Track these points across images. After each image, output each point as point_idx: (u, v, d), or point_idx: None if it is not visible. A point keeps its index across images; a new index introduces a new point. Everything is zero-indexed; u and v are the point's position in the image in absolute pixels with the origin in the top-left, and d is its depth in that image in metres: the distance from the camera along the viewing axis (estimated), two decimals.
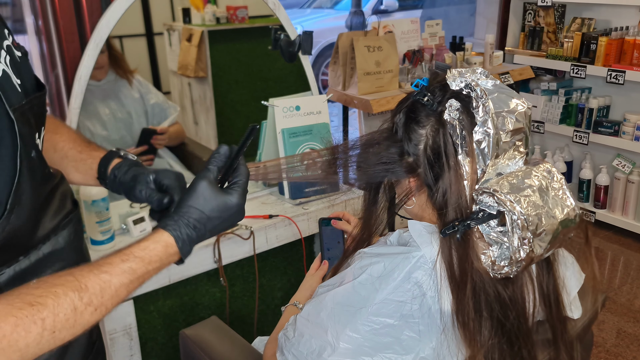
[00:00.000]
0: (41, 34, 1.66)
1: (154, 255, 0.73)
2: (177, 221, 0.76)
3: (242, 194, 0.80)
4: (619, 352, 2.18)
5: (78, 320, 0.65)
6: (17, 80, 0.73)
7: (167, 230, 0.75)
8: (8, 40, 0.76)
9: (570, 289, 0.92)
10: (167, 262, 0.76)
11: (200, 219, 0.76)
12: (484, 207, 0.77)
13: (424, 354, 0.82)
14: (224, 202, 0.78)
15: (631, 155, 2.99)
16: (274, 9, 1.87)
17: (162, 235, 0.75)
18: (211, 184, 0.78)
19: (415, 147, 0.84)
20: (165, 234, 0.75)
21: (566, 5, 3.21)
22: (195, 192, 0.77)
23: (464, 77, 0.82)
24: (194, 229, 0.76)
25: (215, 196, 0.77)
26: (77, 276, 0.67)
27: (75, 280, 0.66)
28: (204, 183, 0.78)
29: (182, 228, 0.76)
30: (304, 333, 0.89)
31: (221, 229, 0.80)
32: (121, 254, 0.72)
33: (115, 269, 0.70)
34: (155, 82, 2.21)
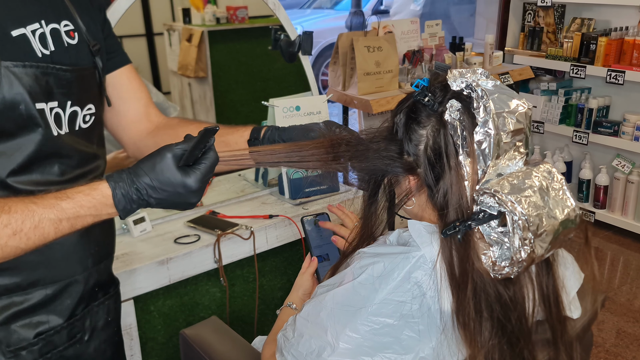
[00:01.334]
0: None
1: (88, 200, 0.75)
2: (123, 178, 0.77)
3: (200, 178, 0.79)
4: (618, 352, 2.18)
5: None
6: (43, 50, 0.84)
7: (108, 181, 0.77)
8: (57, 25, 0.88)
9: (570, 289, 0.92)
10: (104, 213, 0.77)
11: (147, 185, 0.77)
12: (484, 207, 0.77)
13: (423, 353, 0.82)
14: (178, 179, 0.78)
15: (631, 156, 2.99)
16: (274, 9, 1.87)
17: (101, 183, 0.77)
18: (174, 157, 0.78)
19: (415, 147, 0.84)
20: (104, 184, 0.77)
21: (566, 6, 3.22)
22: (154, 159, 0.78)
23: (464, 77, 0.82)
24: (136, 189, 0.77)
25: (171, 171, 0.77)
26: (8, 201, 0.72)
27: (5, 205, 0.71)
28: (167, 155, 0.78)
29: (125, 186, 0.77)
30: (304, 333, 0.89)
31: (169, 204, 0.80)
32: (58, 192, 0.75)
33: (44, 202, 0.73)
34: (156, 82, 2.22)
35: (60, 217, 0.73)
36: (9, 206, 0.71)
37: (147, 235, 1.56)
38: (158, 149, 0.80)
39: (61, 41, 0.90)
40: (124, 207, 0.77)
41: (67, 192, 0.75)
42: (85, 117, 0.95)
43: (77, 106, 0.92)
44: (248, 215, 1.66)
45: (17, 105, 0.82)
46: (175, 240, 1.52)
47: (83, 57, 0.94)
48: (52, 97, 0.87)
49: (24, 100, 0.82)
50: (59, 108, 0.88)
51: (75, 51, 0.92)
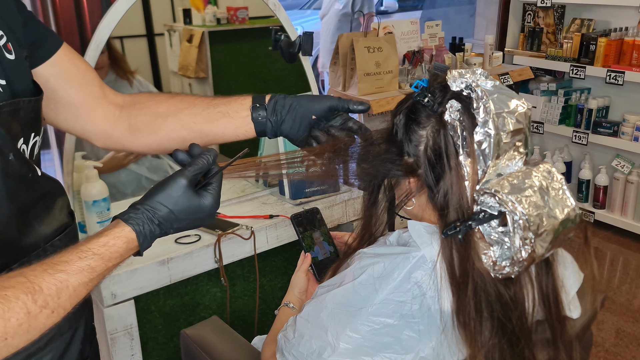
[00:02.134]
0: None
1: (114, 251, 0.70)
2: (142, 217, 0.72)
3: (216, 197, 0.77)
4: (618, 352, 2.19)
5: (33, 324, 0.61)
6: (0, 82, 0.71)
7: (129, 224, 0.72)
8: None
9: (569, 289, 0.92)
10: (126, 256, 0.73)
11: (168, 218, 0.74)
12: (485, 207, 0.78)
13: (423, 353, 0.83)
14: (197, 204, 0.75)
15: (630, 156, 2.99)
16: (274, 10, 1.87)
17: (123, 230, 0.71)
18: (189, 184, 0.75)
19: (415, 148, 0.84)
20: (127, 229, 0.71)
21: (565, 6, 3.22)
22: (170, 189, 0.74)
23: (464, 78, 0.82)
24: (158, 225, 0.73)
25: (189, 198, 0.74)
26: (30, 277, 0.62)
27: (28, 282, 0.62)
28: (181, 182, 0.75)
29: (146, 224, 0.72)
30: (304, 334, 0.89)
31: (188, 228, 0.77)
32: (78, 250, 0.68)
33: (73, 267, 0.66)
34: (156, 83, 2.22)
35: (91, 277, 0.67)
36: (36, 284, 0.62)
37: None
38: (171, 176, 0.75)
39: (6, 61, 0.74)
40: (147, 245, 0.74)
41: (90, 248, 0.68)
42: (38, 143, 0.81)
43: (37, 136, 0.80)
44: (248, 215, 1.66)
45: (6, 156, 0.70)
46: (176, 240, 1.52)
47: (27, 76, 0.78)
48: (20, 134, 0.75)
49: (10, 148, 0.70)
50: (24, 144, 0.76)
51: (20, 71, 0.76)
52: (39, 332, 0.63)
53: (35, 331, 0.62)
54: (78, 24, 1.63)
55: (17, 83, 0.74)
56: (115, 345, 1.41)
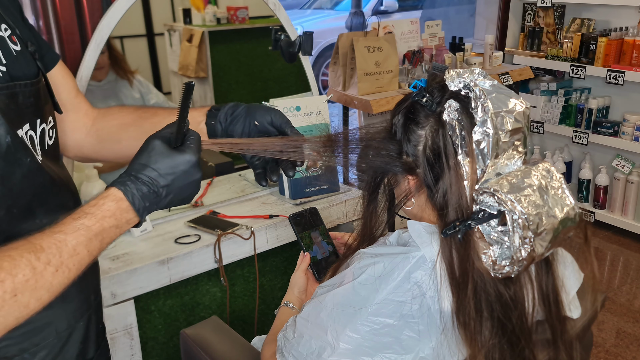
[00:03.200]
0: (42, 34, 1.66)
1: (105, 210, 0.72)
2: (124, 177, 0.75)
3: (195, 150, 0.78)
4: (618, 352, 2.18)
5: (39, 281, 0.64)
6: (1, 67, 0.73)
7: (113, 185, 0.74)
8: (3, 33, 0.77)
9: (570, 288, 0.92)
10: (123, 219, 0.73)
11: (150, 175, 0.75)
12: (484, 207, 0.78)
13: (423, 353, 0.83)
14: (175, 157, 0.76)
15: (630, 156, 2.99)
16: (274, 10, 1.87)
17: (109, 190, 0.73)
18: (164, 142, 0.77)
19: (414, 148, 0.84)
20: (112, 189, 0.73)
21: (566, 6, 3.22)
22: (145, 149, 0.76)
23: (462, 77, 0.82)
24: (144, 184, 0.74)
25: (166, 153, 0.76)
26: (31, 239, 0.66)
27: (29, 243, 0.65)
28: (156, 141, 0.76)
29: (129, 183, 0.74)
30: (304, 334, 0.89)
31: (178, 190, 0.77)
32: (73, 213, 0.71)
33: (68, 227, 0.68)
34: (156, 83, 2.22)
35: (89, 236, 0.69)
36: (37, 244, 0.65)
37: (148, 235, 1.56)
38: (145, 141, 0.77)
39: (9, 50, 0.77)
40: (139, 205, 0.74)
41: (83, 210, 0.71)
42: (50, 133, 0.84)
43: (44, 123, 0.82)
44: (248, 215, 1.66)
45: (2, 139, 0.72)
46: (176, 240, 1.52)
47: (30, 65, 0.82)
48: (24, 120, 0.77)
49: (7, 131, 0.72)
50: (32, 130, 0.78)
51: (24, 60, 0.80)
52: (47, 291, 0.65)
53: (44, 289, 0.64)
54: (78, 23, 1.63)
55: (18, 70, 0.76)
56: (115, 345, 1.41)
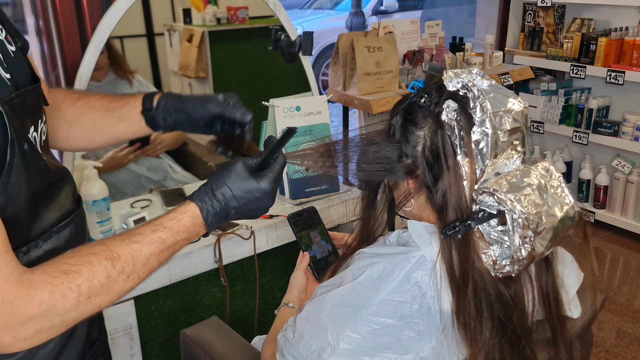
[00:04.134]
0: (42, 34, 1.66)
1: (182, 225, 0.77)
2: (203, 192, 0.80)
3: (273, 180, 0.83)
4: (618, 352, 2.18)
5: (112, 286, 0.70)
6: (6, 75, 0.74)
7: (193, 200, 0.79)
8: (2, 36, 0.77)
9: (569, 288, 0.92)
10: (194, 232, 0.79)
11: (225, 193, 0.80)
12: (484, 206, 0.78)
13: (423, 354, 0.83)
14: (252, 183, 0.81)
15: (631, 156, 2.99)
16: (274, 10, 1.87)
17: (189, 205, 0.79)
18: (245, 166, 0.82)
19: (413, 148, 0.84)
20: (192, 205, 0.79)
21: (566, 6, 3.22)
22: (228, 169, 0.81)
23: (460, 77, 0.82)
24: (218, 202, 0.80)
25: (245, 177, 0.81)
26: (110, 245, 0.71)
27: (108, 250, 0.70)
28: (238, 164, 0.82)
29: (207, 200, 0.79)
30: (304, 334, 0.89)
31: (246, 212, 0.83)
32: (151, 224, 0.76)
33: (146, 239, 0.74)
34: (156, 83, 2.22)
35: (162, 248, 0.75)
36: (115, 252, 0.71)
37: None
38: (230, 161, 0.83)
39: (8, 53, 0.76)
40: (211, 222, 0.80)
41: (161, 222, 0.77)
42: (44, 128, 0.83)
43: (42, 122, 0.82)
44: None
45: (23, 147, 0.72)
46: None
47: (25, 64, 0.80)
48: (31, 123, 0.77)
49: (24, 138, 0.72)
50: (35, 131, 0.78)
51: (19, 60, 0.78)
52: (117, 295, 0.71)
53: (115, 293, 0.71)
54: (78, 23, 1.63)
55: (18, 74, 0.77)
56: (115, 345, 1.40)
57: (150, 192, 1.83)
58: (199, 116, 0.96)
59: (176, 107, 0.96)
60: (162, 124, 0.98)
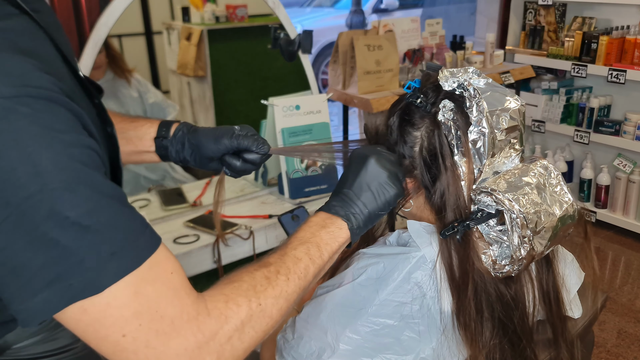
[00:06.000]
0: None
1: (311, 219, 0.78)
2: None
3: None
4: (619, 353, 2.18)
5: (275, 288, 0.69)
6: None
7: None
8: None
9: (570, 287, 0.92)
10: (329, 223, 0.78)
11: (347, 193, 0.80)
12: (482, 206, 0.77)
13: (424, 354, 0.82)
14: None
15: (632, 155, 2.98)
16: (273, 8, 1.86)
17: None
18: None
19: (410, 149, 0.84)
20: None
21: (567, 4, 3.21)
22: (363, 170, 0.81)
23: (456, 77, 0.82)
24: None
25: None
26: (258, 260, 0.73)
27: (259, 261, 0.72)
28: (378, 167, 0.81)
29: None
30: (303, 335, 0.88)
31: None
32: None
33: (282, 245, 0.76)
34: (155, 81, 2.21)
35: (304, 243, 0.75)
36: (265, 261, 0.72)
37: None
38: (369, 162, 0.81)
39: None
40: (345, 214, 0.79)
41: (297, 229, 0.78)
42: None
43: None
44: (247, 215, 1.65)
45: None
46: (175, 240, 1.51)
47: None
48: None
49: None
50: None
51: None
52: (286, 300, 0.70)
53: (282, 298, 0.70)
54: (76, 22, 1.62)
55: None
56: None
57: (148, 192, 1.83)
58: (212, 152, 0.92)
59: (190, 139, 0.93)
60: (174, 155, 0.95)
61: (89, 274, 0.54)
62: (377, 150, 0.82)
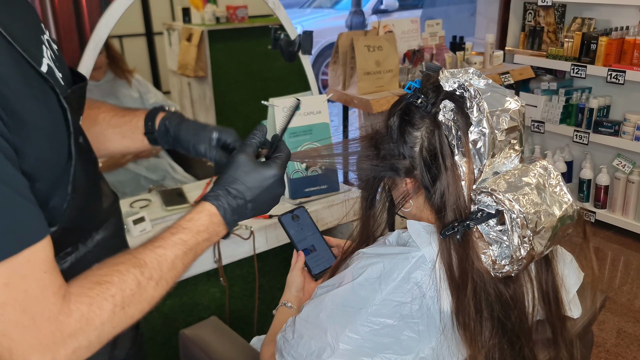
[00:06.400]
0: None
1: (200, 225, 0.77)
2: (216, 191, 0.80)
3: (281, 166, 0.83)
4: (619, 352, 2.18)
5: (143, 294, 0.69)
6: (59, 74, 0.75)
7: (207, 200, 0.79)
8: (46, 35, 0.78)
9: (570, 287, 0.92)
10: (214, 232, 0.78)
11: (239, 188, 0.80)
12: (482, 206, 0.77)
13: (423, 354, 0.82)
14: (262, 172, 0.81)
15: (631, 155, 2.99)
16: (273, 9, 1.87)
17: (204, 205, 0.78)
18: (249, 156, 0.82)
19: (410, 149, 0.84)
20: (207, 204, 0.78)
21: (566, 5, 3.21)
22: (234, 163, 0.81)
23: (456, 77, 0.82)
24: (234, 197, 0.79)
25: (253, 167, 0.81)
26: (135, 254, 0.71)
27: (134, 258, 0.70)
28: (242, 156, 0.82)
29: (222, 197, 0.79)
30: (303, 334, 0.88)
31: (263, 201, 0.82)
32: (171, 228, 0.76)
33: (168, 242, 0.74)
34: (155, 82, 2.21)
35: (184, 250, 0.75)
36: (141, 259, 0.70)
37: (147, 235, 1.55)
38: (232, 154, 0.83)
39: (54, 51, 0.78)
40: (229, 219, 0.79)
41: (179, 224, 0.76)
42: None
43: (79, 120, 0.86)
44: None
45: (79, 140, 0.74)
46: None
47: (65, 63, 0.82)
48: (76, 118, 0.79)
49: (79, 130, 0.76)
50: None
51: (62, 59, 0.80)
52: (149, 304, 0.70)
53: (146, 302, 0.70)
54: (77, 22, 1.62)
55: (64, 72, 0.79)
56: None
57: (149, 192, 1.83)
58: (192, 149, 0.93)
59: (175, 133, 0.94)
60: (164, 145, 0.97)
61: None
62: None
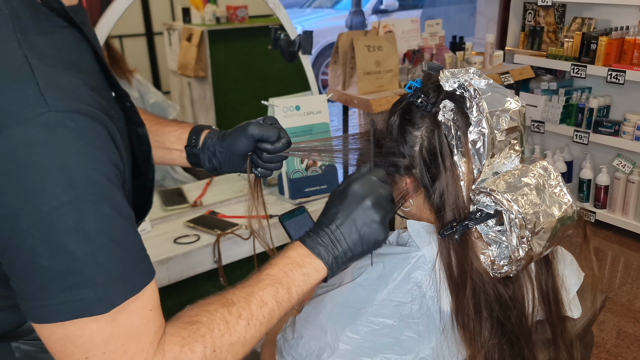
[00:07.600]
0: None
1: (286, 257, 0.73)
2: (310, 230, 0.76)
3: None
4: (619, 353, 2.18)
5: (233, 334, 0.67)
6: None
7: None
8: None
9: (570, 288, 0.92)
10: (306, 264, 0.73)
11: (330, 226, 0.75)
12: (481, 207, 0.77)
13: (423, 354, 0.82)
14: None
15: (631, 155, 2.98)
16: (274, 9, 1.87)
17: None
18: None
19: (410, 148, 0.84)
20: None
21: (566, 5, 3.21)
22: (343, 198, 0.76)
23: (456, 77, 0.82)
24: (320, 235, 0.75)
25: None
26: (224, 294, 0.70)
27: (223, 298, 0.69)
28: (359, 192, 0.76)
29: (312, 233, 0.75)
30: (303, 334, 0.88)
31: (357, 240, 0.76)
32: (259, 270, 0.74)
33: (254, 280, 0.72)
34: (155, 82, 2.21)
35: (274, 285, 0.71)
36: (229, 298, 0.69)
37: (147, 235, 1.55)
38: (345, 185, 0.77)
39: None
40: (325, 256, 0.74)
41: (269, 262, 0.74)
42: None
43: None
44: (248, 215, 1.65)
45: None
46: (175, 240, 1.52)
47: None
48: None
49: None
50: None
51: None
52: (242, 347, 0.68)
53: (239, 345, 0.67)
54: None
55: None
56: None
57: None
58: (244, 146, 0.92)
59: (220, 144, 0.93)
60: (207, 164, 0.95)
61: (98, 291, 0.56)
62: (374, 188, 0.76)
